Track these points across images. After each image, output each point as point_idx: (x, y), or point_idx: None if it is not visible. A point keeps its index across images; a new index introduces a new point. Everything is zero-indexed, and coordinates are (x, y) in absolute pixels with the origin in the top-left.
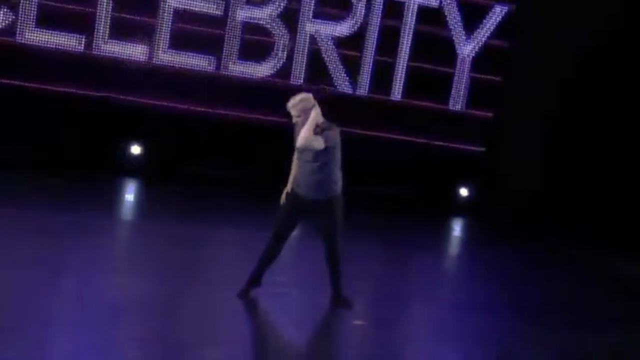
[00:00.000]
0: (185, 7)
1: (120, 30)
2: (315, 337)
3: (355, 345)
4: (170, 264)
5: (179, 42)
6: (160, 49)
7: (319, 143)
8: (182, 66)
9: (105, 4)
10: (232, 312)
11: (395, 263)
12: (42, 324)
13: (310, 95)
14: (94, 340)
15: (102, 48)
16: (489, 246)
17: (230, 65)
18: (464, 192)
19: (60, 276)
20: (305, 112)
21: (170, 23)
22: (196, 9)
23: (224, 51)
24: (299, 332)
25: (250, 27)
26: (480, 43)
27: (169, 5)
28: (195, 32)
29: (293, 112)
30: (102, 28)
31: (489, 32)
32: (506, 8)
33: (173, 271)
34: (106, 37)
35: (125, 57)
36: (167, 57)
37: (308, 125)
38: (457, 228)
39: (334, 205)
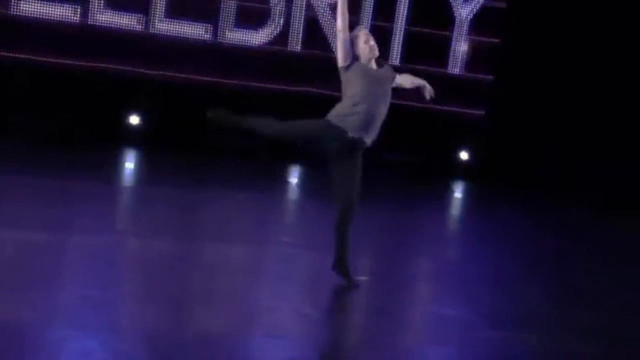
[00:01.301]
0: None
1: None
2: (318, 293)
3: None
4: (173, 225)
5: (175, 10)
6: (157, 18)
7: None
8: (179, 34)
9: None
10: (234, 270)
11: (401, 223)
12: (48, 281)
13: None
14: (93, 294)
15: (97, 18)
16: (487, 207)
17: (227, 33)
18: (464, 155)
19: (67, 237)
20: None
21: None
22: None
23: (220, 18)
24: (301, 290)
25: None
26: (478, 4)
27: None
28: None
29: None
30: None
31: None
32: None
33: (176, 232)
34: (101, 7)
35: (121, 27)
36: (164, 26)
37: None
38: (458, 190)
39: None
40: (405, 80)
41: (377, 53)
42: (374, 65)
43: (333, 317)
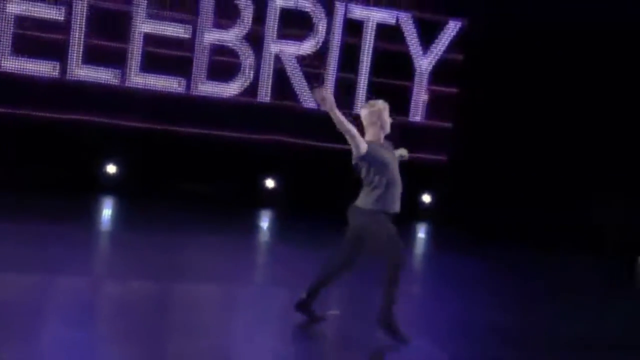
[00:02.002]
0: (155, 32)
1: (93, 56)
2: (286, 327)
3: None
4: (148, 267)
5: (150, 65)
6: (133, 72)
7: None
8: (154, 88)
9: (77, 31)
10: (207, 308)
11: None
12: (28, 322)
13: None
14: (72, 333)
15: (75, 73)
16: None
17: (199, 86)
18: (426, 198)
19: (46, 279)
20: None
21: (141, 47)
22: (166, 33)
23: (193, 72)
24: (270, 326)
25: (218, 49)
26: (437, 57)
27: (139, 31)
28: (165, 55)
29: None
30: (75, 54)
31: (444, 47)
32: (459, 23)
33: (152, 273)
34: (80, 63)
35: (98, 81)
36: (139, 79)
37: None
38: (421, 232)
39: None
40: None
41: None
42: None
43: (302, 350)
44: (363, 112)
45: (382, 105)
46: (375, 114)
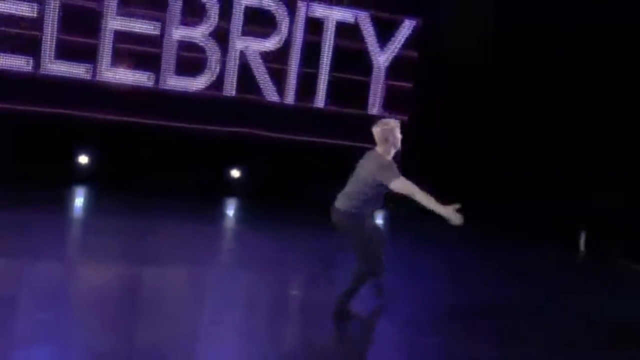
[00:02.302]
0: (124, 28)
1: (65, 51)
2: (254, 307)
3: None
4: (120, 252)
5: (120, 60)
6: (103, 67)
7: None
8: (124, 82)
9: (50, 27)
10: (178, 290)
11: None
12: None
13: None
14: (44, 313)
15: (48, 68)
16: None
17: (168, 80)
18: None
19: (23, 264)
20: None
21: (111, 43)
22: (136, 29)
23: (162, 67)
24: (239, 306)
25: (185, 45)
26: (393, 54)
27: (109, 27)
28: (135, 51)
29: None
30: (48, 49)
31: (400, 44)
32: (414, 22)
33: (124, 258)
34: (52, 58)
35: (70, 76)
36: (110, 74)
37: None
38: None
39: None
40: None
41: None
42: None
43: (269, 328)
44: (376, 130)
45: (394, 124)
46: (387, 132)
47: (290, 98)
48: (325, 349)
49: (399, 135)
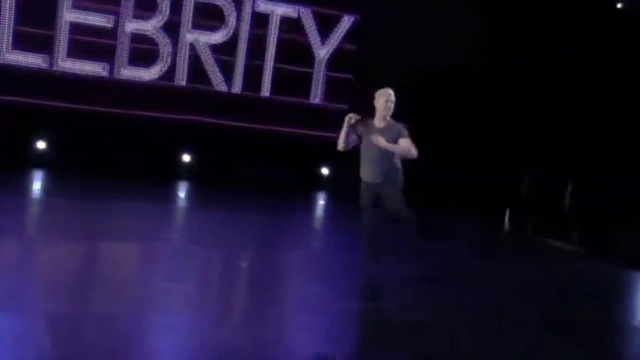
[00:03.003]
0: (79, 20)
1: (22, 42)
2: (202, 276)
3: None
4: (76, 229)
5: (76, 50)
6: (60, 57)
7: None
8: (80, 72)
9: (7, 18)
10: (130, 262)
11: (275, 226)
12: None
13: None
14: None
15: (6, 57)
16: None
17: (122, 70)
18: (325, 171)
19: None
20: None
21: (67, 34)
22: (90, 22)
23: (116, 58)
24: (188, 276)
25: (138, 37)
26: (333, 47)
27: (65, 19)
28: (90, 42)
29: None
30: (5, 40)
31: (340, 38)
32: (353, 18)
33: (80, 234)
34: (9, 48)
35: (27, 65)
36: (66, 64)
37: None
38: (321, 200)
39: None
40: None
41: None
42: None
43: (216, 296)
44: (376, 95)
45: (379, 93)
46: (375, 100)
47: (237, 88)
48: (263, 313)
49: (382, 103)
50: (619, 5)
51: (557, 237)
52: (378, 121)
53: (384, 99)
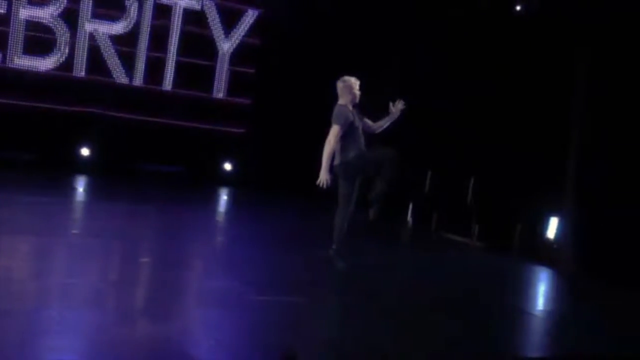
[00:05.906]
0: None
1: None
2: (106, 269)
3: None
4: None
5: None
6: None
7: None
8: None
9: None
10: (30, 256)
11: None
12: None
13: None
14: None
15: None
16: (246, 206)
17: (15, 59)
18: (227, 166)
19: None
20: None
21: None
22: None
23: (9, 46)
24: (91, 269)
25: (33, 25)
26: (237, 41)
27: None
28: None
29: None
30: None
31: (243, 32)
32: (257, 12)
33: None
34: None
35: None
36: None
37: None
38: (223, 195)
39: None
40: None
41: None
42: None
43: (121, 289)
44: (339, 85)
45: (353, 80)
46: (348, 87)
47: (138, 80)
48: (167, 305)
49: (357, 92)
50: (517, 8)
51: (455, 231)
52: (350, 106)
53: (357, 87)
